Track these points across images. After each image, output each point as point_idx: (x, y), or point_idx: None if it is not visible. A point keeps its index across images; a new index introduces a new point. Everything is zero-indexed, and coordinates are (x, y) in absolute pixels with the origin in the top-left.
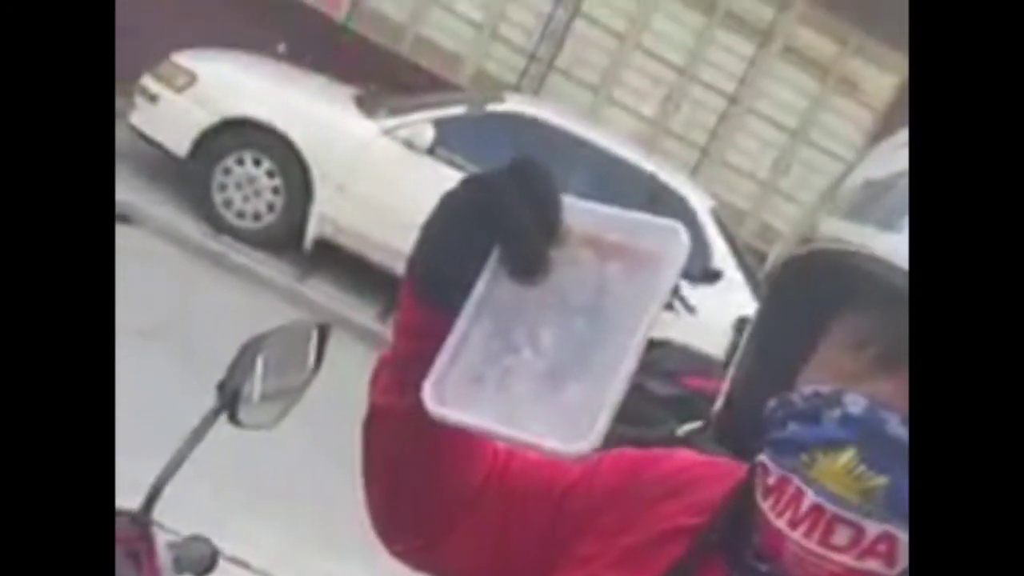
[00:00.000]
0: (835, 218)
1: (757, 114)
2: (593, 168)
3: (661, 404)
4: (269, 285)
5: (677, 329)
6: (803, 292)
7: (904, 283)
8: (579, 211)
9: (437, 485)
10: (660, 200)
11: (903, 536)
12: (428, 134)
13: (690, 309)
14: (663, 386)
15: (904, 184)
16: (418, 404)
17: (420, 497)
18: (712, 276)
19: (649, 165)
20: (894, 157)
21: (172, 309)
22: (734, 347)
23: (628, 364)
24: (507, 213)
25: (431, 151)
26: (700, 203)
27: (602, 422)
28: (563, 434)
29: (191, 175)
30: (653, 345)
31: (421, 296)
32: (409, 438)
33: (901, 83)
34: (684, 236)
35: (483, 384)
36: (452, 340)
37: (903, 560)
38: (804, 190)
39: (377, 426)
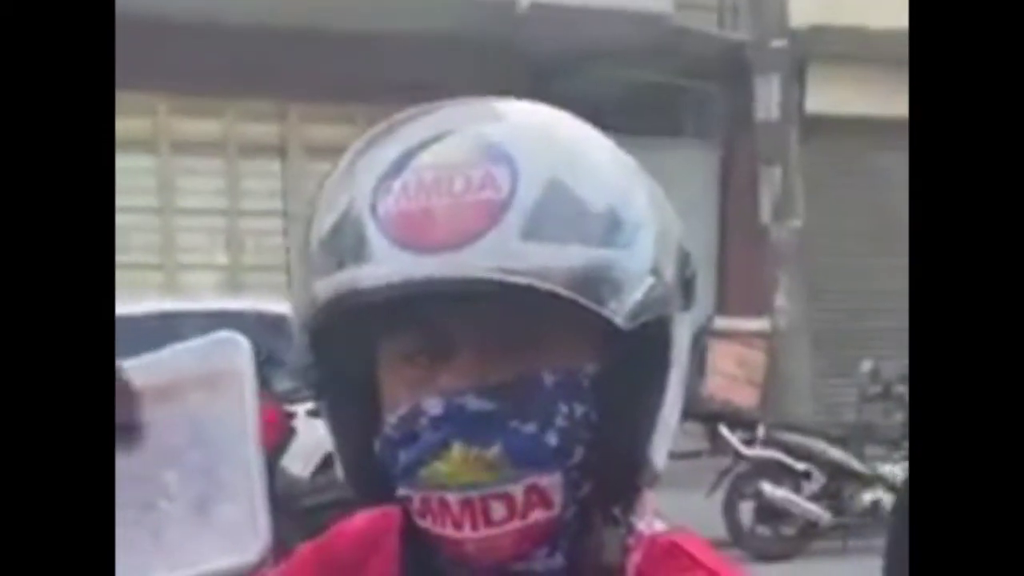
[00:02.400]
0: (319, 279)
1: None
2: None
3: None
4: None
5: None
6: (334, 343)
7: (402, 293)
8: (139, 368)
9: None
10: None
11: (545, 478)
12: None
13: None
14: None
15: (347, 217)
16: None
17: None
18: None
19: None
20: (329, 209)
21: None
22: None
23: (257, 467)
24: None
25: None
26: None
27: (263, 524)
28: (235, 549)
29: None
30: None
31: None
32: None
33: None
34: (243, 341)
35: (138, 545)
36: None
37: (558, 497)
38: None
39: None
